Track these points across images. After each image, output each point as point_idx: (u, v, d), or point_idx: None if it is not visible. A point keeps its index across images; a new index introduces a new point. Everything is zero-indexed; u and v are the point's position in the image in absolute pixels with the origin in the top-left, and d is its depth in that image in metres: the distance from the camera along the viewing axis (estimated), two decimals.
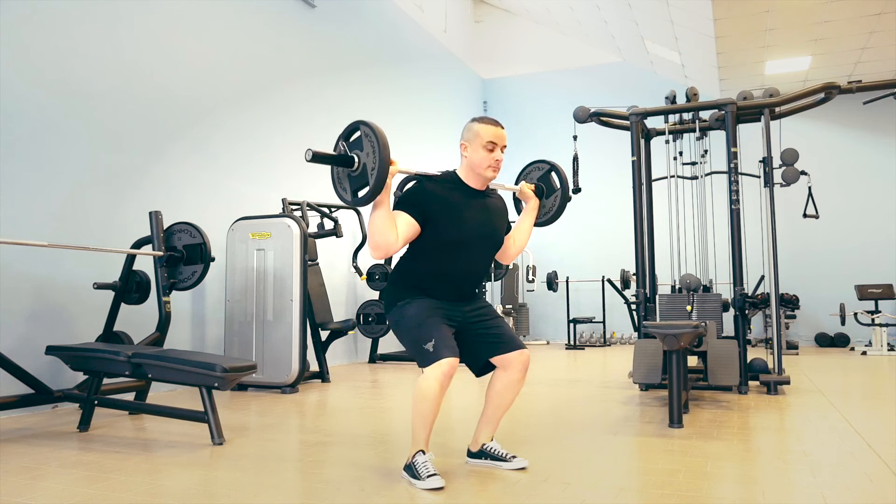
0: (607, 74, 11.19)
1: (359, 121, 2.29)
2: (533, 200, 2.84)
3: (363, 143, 2.25)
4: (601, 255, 10.62)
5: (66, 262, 4.44)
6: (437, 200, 2.47)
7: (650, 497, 2.29)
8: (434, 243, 2.48)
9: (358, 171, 2.27)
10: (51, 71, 4.44)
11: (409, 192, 2.51)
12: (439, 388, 2.34)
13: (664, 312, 5.01)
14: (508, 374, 2.58)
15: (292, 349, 4.99)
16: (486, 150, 2.50)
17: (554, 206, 2.97)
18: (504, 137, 2.55)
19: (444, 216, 2.47)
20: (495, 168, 2.53)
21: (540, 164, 3.00)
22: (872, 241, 9.67)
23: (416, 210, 2.43)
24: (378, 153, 2.19)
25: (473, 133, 2.52)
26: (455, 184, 2.56)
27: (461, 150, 2.56)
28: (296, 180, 6.88)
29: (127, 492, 2.38)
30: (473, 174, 2.56)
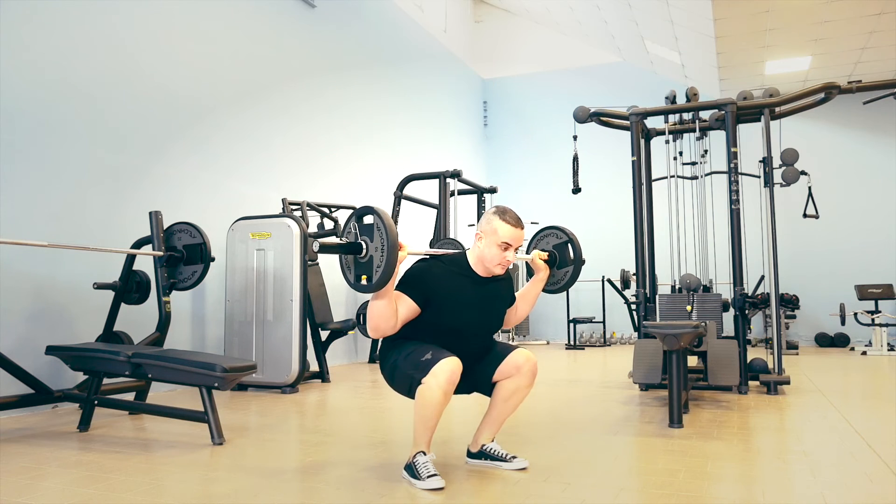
0: (607, 74, 11.19)
1: (373, 209, 2.26)
2: (543, 272, 2.83)
3: (373, 234, 2.24)
4: (601, 255, 10.60)
5: (66, 262, 4.44)
6: (440, 286, 2.46)
7: (650, 497, 2.29)
8: (432, 325, 2.47)
9: (365, 259, 2.26)
10: (51, 71, 4.44)
11: (415, 273, 2.48)
12: (442, 396, 2.32)
13: (664, 312, 5.01)
14: (516, 380, 2.57)
15: (292, 349, 4.99)
16: (500, 248, 2.48)
17: (564, 279, 2.95)
18: (521, 239, 2.52)
19: (445, 302, 2.45)
20: (504, 266, 2.52)
21: (557, 232, 2.98)
22: (872, 241, 9.67)
23: (417, 293, 2.42)
24: (386, 253, 2.18)
25: (492, 228, 2.49)
26: (462, 269, 2.54)
27: (475, 238, 2.55)
28: (296, 180, 6.88)
29: (127, 492, 2.38)
30: (482, 265, 2.54)
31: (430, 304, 2.44)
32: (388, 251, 2.18)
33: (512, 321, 2.79)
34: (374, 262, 2.22)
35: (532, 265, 2.86)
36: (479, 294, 2.54)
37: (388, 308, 2.32)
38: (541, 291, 2.86)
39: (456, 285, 2.49)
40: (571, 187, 5.48)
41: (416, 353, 2.39)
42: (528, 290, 2.83)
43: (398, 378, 2.46)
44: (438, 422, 2.41)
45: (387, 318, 2.33)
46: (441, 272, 2.49)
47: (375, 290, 2.25)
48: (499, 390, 2.60)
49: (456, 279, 2.50)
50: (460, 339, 2.50)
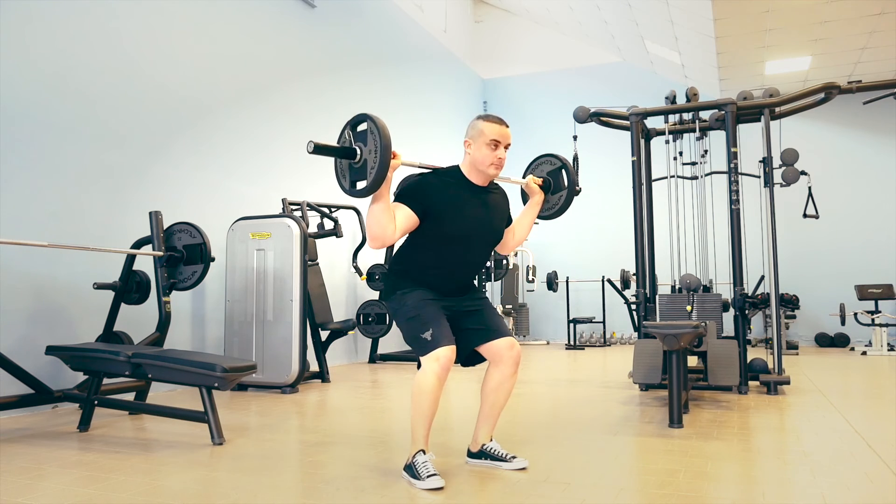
0: (607, 74, 11.19)
1: (366, 114, 2.30)
2: (538, 196, 2.85)
3: (367, 138, 2.27)
4: (601, 255, 10.62)
5: (66, 262, 4.44)
6: (437, 194, 2.48)
7: (650, 497, 2.29)
8: (432, 236, 2.50)
9: (359, 164, 2.29)
10: (51, 71, 4.44)
11: (411, 184, 2.52)
12: (437, 382, 2.37)
13: (664, 312, 5.01)
14: (500, 369, 2.60)
15: (292, 349, 4.99)
16: (490, 148, 2.51)
17: (558, 204, 2.97)
18: (508, 136, 2.56)
19: (443, 210, 2.48)
20: (498, 166, 2.54)
21: (551, 158, 3.01)
22: (872, 241, 9.66)
23: (415, 203, 2.44)
24: (379, 153, 2.20)
25: (478, 131, 2.53)
26: (457, 179, 2.57)
27: (465, 146, 2.57)
28: (296, 180, 6.88)
29: (127, 492, 2.38)
30: (476, 171, 2.56)
31: (429, 213, 2.46)
32: (381, 152, 2.20)
33: (510, 244, 2.81)
34: (369, 165, 2.25)
35: (526, 189, 2.89)
36: (476, 202, 2.57)
37: (385, 213, 2.33)
38: (536, 215, 2.89)
39: (453, 193, 2.52)
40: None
41: (417, 322, 2.43)
42: (525, 214, 2.86)
43: (404, 335, 2.52)
44: (435, 411, 2.44)
45: (384, 223, 2.34)
46: (437, 182, 2.53)
47: (371, 191, 2.27)
48: (486, 382, 2.64)
49: (453, 188, 2.54)
50: (461, 248, 2.54)
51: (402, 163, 2.36)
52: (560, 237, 11.14)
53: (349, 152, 2.29)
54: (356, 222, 7.55)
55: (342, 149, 2.30)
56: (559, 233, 11.18)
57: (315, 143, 2.22)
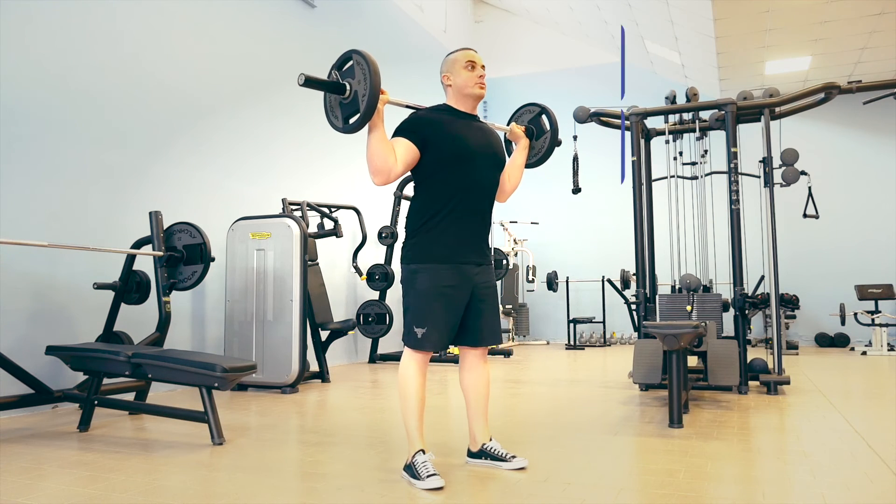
0: (607, 74, 11.19)
1: (351, 50, 2.35)
2: (524, 140, 2.92)
3: (355, 71, 2.32)
4: (601, 255, 10.62)
5: (66, 262, 4.44)
6: (433, 124, 2.54)
7: (650, 497, 2.29)
8: (437, 164, 2.51)
9: (349, 98, 2.34)
10: (51, 70, 4.44)
11: (405, 120, 2.57)
12: (417, 369, 2.49)
13: (664, 312, 5.01)
14: (468, 360, 2.66)
15: (292, 349, 4.99)
16: (468, 69, 2.59)
17: (544, 147, 3.02)
18: (480, 58, 2.64)
19: (442, 136, 2.52)
20: (481, 85, 2.60)
21: (531, 107, 3.09)
22: (872, 241, 9.67)
23: (413, 135, 2.49)
24: (369, 79, 2.26)
25: (451, 61, 2.62)
26: (448, 111, 2.64)
27: (444, 82, 2.65)
28: (296, 180, 6.88)
29: (127, 492, 2.38)
30: (462, 97, 2.62)
31: (428, 141, 2.49)
32: (370, 78, 2.26)
33: (507, 188, 2.81)
34: (360, 95, 2.29)
35: (510, 136, 2.96)
36: (471, 128, 2.62)
37: (383, 142, 2.38)
38: (526, 159, 2.93)
39: (447, 122, 2.57)
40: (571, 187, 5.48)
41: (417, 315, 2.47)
42: (514, 158, 2.92)
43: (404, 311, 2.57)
44: (423, 402, 2.51)
45: (384, 154, 2.37)
46: (430, 115, 2.60)
47: (365, 119, 2.31)
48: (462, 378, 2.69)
49: (445, 118, 2.59)
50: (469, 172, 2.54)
51: (389, 100, 2.42)
52: (560, 237, 11.14)
53: (338, 87, 2.34)
54: (356, 222, 7.55)
55: (332, 83, 2.35)
56: (559, 233, 11.18)
57: (306, 76, 2.26)
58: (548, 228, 11.16)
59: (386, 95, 2.39)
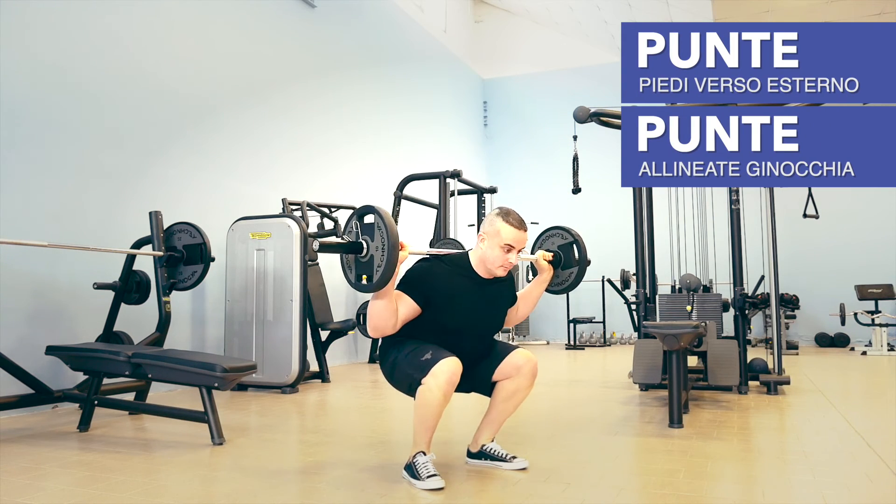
0: (607, 74, 11.17)
1: (373, 207, 2.26)
2: (547, 273, 2.81)
3: (374, 233, 2.24)
4: (601, 255, 10.55)
5: (65, 261, 4.44)
6: (441, 286, 2.45)
7: (650, 497, 2.29)
8: (433, 325, 2.46)
9: (366, 259, 2.26)
10: (51, 70, 4.44)
11: (416, 272, 2.47)
12: (442, 397, 2.33)
13: (664, 312, 5.01)
14: (516, 381, 2.56)
15: (292, 349, 4.99)
16: (503, 250, 2.47)
17: (569, 280, 2.94)
18: (525, 241, 2.51)
19: (445, 303, 2.45)
20: (506, 269, 2.51)
21: (563, 232, 2.95)
22: (872, 241, 9.66)
23: (418, 293, 2.42)
24: (387, 252, 2.18)
25: (495, 230, 2.47)
26: (464, 270, 2.53)
27: (478, 239, 2.54)
28: (296, 180, 6.88)
29: (127, 492, 2.38)
30: (484, 267, 2.53)
31: (431, 304, 2.44)
32: (388, 251, 2.18)
33: (512, 321, 2.78)
34: (375, 262, 2.22)
35: (536, 266, 2.84)
36: (480, 295, 2.54)
37: (388, 308, 2.32)
38: (543, 292, 2.85)
39: (457, 286, 2.49)
40: (571, 187, 5.48)
41: (416, 352, 2.39)
42: (531, 291, 2.81)
43: (398, 376, 2.46)
44: (438, 422, 2.41)
45: (387, 317, 2.33)
46: (442, 272, 2.49)
47: (376, 290, 2.25)
48: (499, 391, 2.59)
49: (457, 280, 2.50)
50: (461, 339, 2.50)
51: (409, 253, 2.32)
52: None
53: (356, 247, 2.27)
54: None
55: (349, 244, 2.28)
56: None
57: (320, 241, 2.23)
58: None
59: (405, 251, 2.27)
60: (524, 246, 2.53)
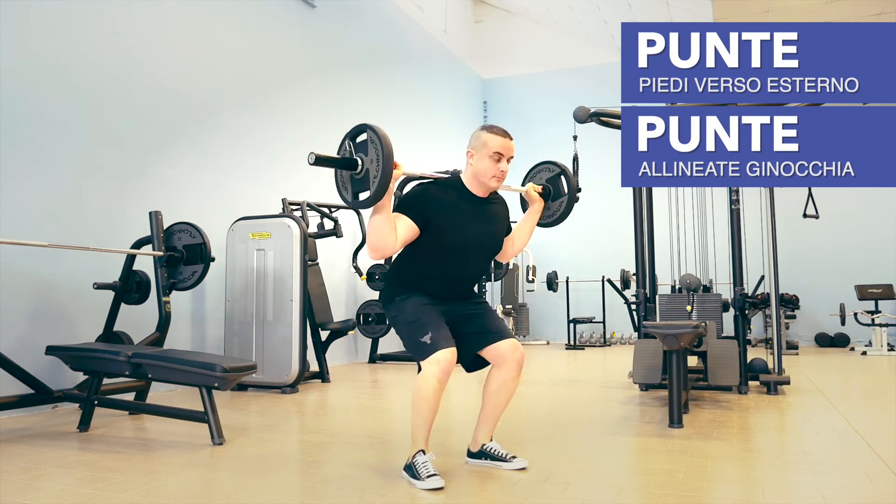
0: (607, 74, 11.16)
1: (366, 124, 2.28)
2: (538, 203, 2.84)
3: (368, 148, 2.25)
4: (601, 255, 10.61)
5: (66, 262, 4.44)
6: (438, 205, 2.48)
7: (650, 497, 2.29)
8: (432, 246, 2.49)
9: (361, 174, 2.27)
10: (51, 70, 4.44)
11: (412, 195, 2.51)
12: (438, 385, 2.36)
13: (664, 312, 5.01)
14: (503, 372, 2.58)
15: (292, 349, 4.99)
16: (493, 160, 2.50)
17: (559, 211, 2.96)
18: (512, 149, 2.55)
19: (444, 221, 2.47)
20: (499, 178, 2.54)
21: (550, 165, 2.99)
22: (872, 241, 9.66)
23: (416, 214, 2.44)
24: (382, 162, 2.19)
25: (481, 142, 2.52)
26: (458, 189, 2.57)
27: (467, 156, 2.56)
28: (296, 180, 6.88)
29: (127, 492, 2.38)
30: (477, 182, 2.56)
31: (430, 223, 2.46)
32: (383, 162, 2.19)
33: (509, 252, 2.81)
34: (371, 175, 2.24)
35: (526, 197, 2.88)
36: (476, 213, 2.57)
37: (386, 224, 2.33)
38: (536, 223, 2.88)
39: (454, 204, 2.52)
40: None
41: (417, 326, 2.43)
42: (525, 222, 2.86)
43: (404, 341, 2.53)
44: (435, 414, 2.43)
45: (385, 234, 2.34)
46: (438, 193, 2.52)
47: (374, 202, 2.26)
48: (487, 383, 2.63)
49: (453, 199, 2.53)
50: (460, 260, 2.54)
51: (403, 173, 2.34)
52: (560, 237, 11.12)
53: (350, 163, 2.28)
54: (356, 222, 7.55)
55: (343, 160, 2.29)
56: (559, 233, 11.15)
57: (316, 154, 2.21)
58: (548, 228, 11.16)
59: (399, 169, 2.30)
60: (512, 154, 2.55)
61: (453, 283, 2.58)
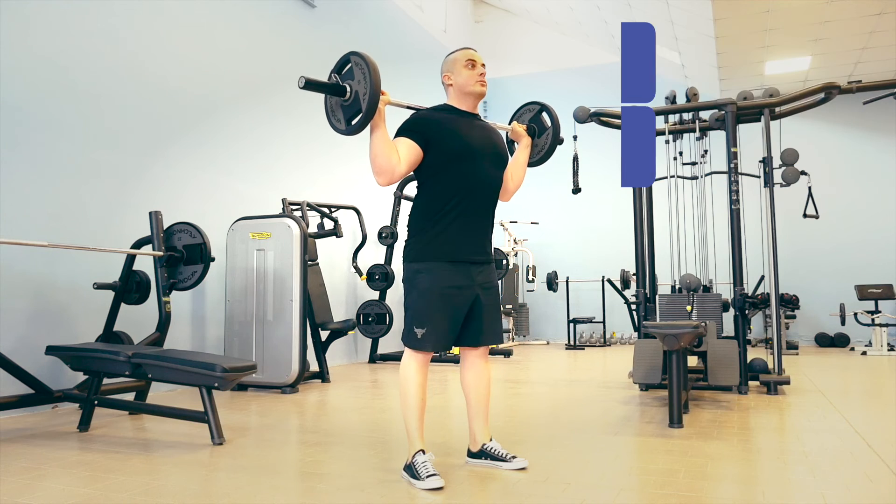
0: (607, 74, 11.18)
1: (350, 52, 2.37)
2: (526, 138, 2.92)
3: (354, 73, 2.34)
4: (601, 255, 10.61)
5: (66, 262, 4.44)
6: (435, 123, 2.55)
7: (650, 497, 2.29)
8: (440, 163, 2.51)
9: (350, 99, 2.35)
10: (51, 70, 4.44)
11: (406, 120, 2.57)
12: (419, 368, 2.49)
13: (664, 312, 5.01)
14: (469, 359, 2.66)
15: (292, 349, 4.99)
16: (468, 67, 2.61)
17: (546, 145, 3.02)
18: (480, 56, 2.66)
19: (444, 135, 2.52)
20: (482, 82, 2.62)
21: (531, 105, 3.10)
22: (872, 241, 9.66)
23: (416, 134, 2.49)
24: (369, 79, 2.27)
25: (451, 61, 2.64)
26: (449, 110, 2.65)
27: (444, 82, 2.67)
28: (296, 180, 6.88)
29: (127, 492, 2.38)
30: (463, 95, 2.64)
31: (431, 140, 2.50)
32: (370, 79, 2.27)
33: (510, 187, 2.82)
34: (360, 94, 2.31)
35: (512, 135, 2.94)
36: (473, 126, 2.62)
37: (386, 142, 2.38)
38: (528, 157, 2.94)
39: (450, 121, 2.59)
40: (571, 187, 5.48)
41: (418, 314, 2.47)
42: (517, 156, 2.91)
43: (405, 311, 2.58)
44: (424, 401, 2.50)
45: (388, 153, 2.37)
46: (432, 115, 2.60)
47: (367, 119, 2.32)
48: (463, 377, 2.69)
49: (448, 117, 2.60)
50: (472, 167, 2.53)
51: (390, 101, 2.42)
52: (560, 237, 11.14)
53: (339, 89, 2.36)
54: (356, 222, 7.55)
55: (332, 85, 2.37)
56: (559, 233, 11.18)
57: (306, 78, 2.28)
58: (548, 228, 11.16)
59: (387, 96, 2.39)
60: (483, 62, 2.64)
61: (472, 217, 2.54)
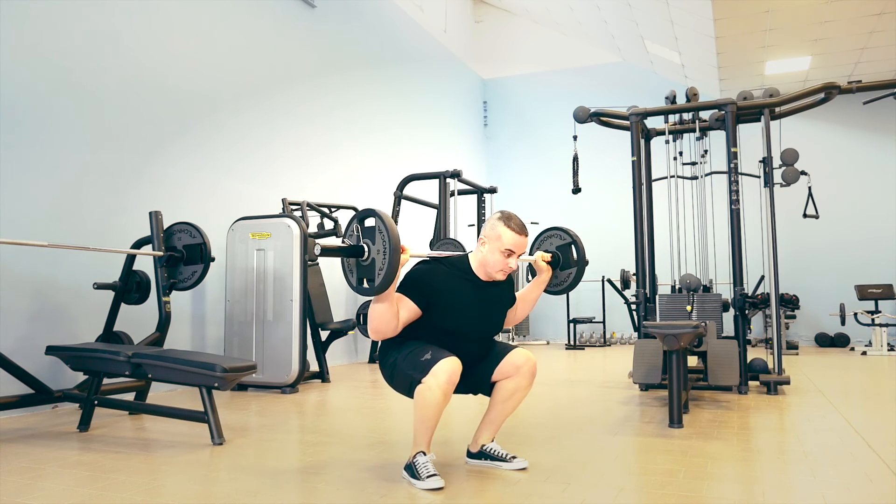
0: (607, 74, 11.19)
1: (374, 211, 2.26)
2: (546, 274, 2.83)
3: (375, 237, 2.23)
4: (601, 255, 10.57)
5: (66, 262, 4.44)
6: (441, 289, 2.46)
7: (650, 497, 2.29)
8: (434, 328, 2.47)
9: (367, 262, 2.25)
10: (51, 69, 4.44)
11: (416, 275, 2.48)
12: (442, 396, 2.33)
13: (664, 312, 5.01)
14: (516, 380, 2.57)
15: (292, 349, 4.99)
16: (503, 255, 2.49)
17: (567, 280, 2.95)
18: (525, 246, 2.54)
19: (446, 305, 2.46)
20: (505, 273, 2.54)
21: (561, 233, 2.97)
22: (872, 241, 9.67)
23: (419, 295, 2.42)
24: (388, 256, 2.17)
25: (496, 234, 2.49)
26: (464, 272, 2.55)
27: (479, 242, 2.56)
28: (296, 180, 6.88)
29: (127, 492, 2.38)
30: (484, 270, 2.55)
31: (432, 306, 2.44)
32: (389, 254, 2.17)
33: (510, 321, 2.79)
34: (377, 265, 2.22)
35: (535, 266, 2.85)
36: (480, 297, 2.55)
37: (389, 311, 2.32)
38: (542, 293, 2.86)
39: (457, 288, 2.50)
40: (571, 187, 5.48)
41: (416, 352, 2.40)
42: (529, 292, 2.82)
43: (398, 377, 2.47)
44: (438, 422, 2.41)
45: (388, 320, 2.33)
46: (443, 275, 2.50)
47: (377, 294, 2.25)
48: (498, 391, 2.60)
49: (457, 282, 2.51)
50: (461, 341, 2.50)
51: (411, 255, 2.34)
52: None
53: (357, 251, 2.27)
54: None
55: (350, 248, 2.28)
56: None
57: (322, 245, 2.22)
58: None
59: (406, 254, 2.28)
60: (525, 251, 2.55)
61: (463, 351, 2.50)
